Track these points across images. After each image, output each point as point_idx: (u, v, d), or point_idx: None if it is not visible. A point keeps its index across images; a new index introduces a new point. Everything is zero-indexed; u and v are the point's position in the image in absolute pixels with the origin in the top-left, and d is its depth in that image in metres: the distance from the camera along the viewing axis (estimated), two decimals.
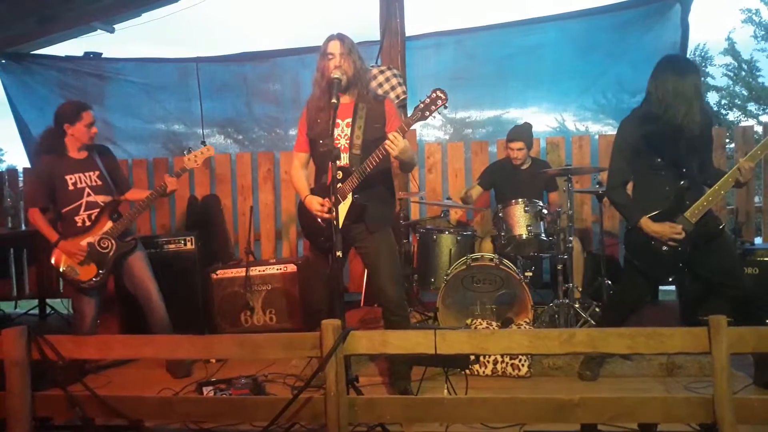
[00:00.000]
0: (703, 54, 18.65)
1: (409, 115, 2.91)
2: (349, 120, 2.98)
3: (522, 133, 4.51)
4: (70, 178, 3.62)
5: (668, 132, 2.94)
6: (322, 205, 2.95)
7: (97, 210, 3.63)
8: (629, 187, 3.22)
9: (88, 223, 3.62)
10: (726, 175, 2.94)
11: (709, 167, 3.11)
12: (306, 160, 3.19)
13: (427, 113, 2.80)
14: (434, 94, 2.80)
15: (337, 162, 2.79)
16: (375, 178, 2.96)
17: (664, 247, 3.01)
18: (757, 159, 2.88)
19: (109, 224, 3.63)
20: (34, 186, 3.69)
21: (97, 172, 3.69)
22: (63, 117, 3.62)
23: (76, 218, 3.62)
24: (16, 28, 5.94)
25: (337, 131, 2.93)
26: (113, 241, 3.61)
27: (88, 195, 3.64)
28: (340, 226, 2.74)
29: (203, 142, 3.78)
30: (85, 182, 3.64)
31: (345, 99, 2.96)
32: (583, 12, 5.35)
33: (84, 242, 3.58)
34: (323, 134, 2.99)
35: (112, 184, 3.74)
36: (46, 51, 6.29)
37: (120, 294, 4.26)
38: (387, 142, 2.78)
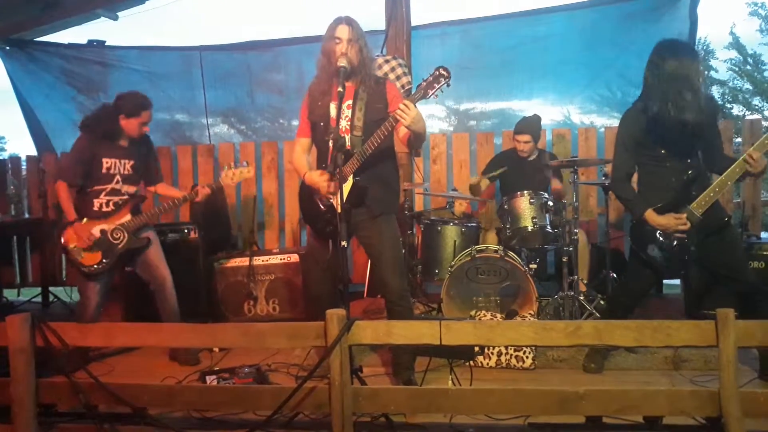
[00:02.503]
0: (705, 48, 18.57)
1: (412, 94, 2.84)
2: (350, 102, 2.94)
3: (529, 125, 4.47)
4: (107, 162, 3.61)
5: (669, 120, 2.89)
6: (322, 175, 2.90)
7: (118, 198, 3.63)
8: (635, 179, 3.20)
9: (105, 209, 3.61)
10: (733, 165, 2.89)
11: (719, 156, 3.06)
12: (308, 146, 3.14)
13: (430, 91, 2.72)
14: (437, 72, 2.70)
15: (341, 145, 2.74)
16: (377, 159, 2.90)
17: (670, 240, 2.99)
18: (765, 149, 2.83)
19: (128, 217, 3.62)
20: (72, 161, 3.64)
21: (132, 162, 3.68)
22: (122, 108, 3.58)
23: (96, 200, 3.60)
24: (20, 14, 5.92)
25: (337, 112, 2.89)
26: (126, 235, 3.60)
27: (117, 182, 3.63)
28: (340, 209, 2.70)
29: (246, 162, 3.76)
30: (119, 169, 3.64)
31: (348, 83, 2.92)
32: (590, 2, 5.30)
33: (97, 229, 3.57)
34: (324, 117, 2.96)
35: (141, 176, 3.74)
36: (50, 38, 6.27)
37: (123, 282, 4.26)
38: (398, 111, 2.67)
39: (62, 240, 3.57)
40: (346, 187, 2.87)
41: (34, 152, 6.22)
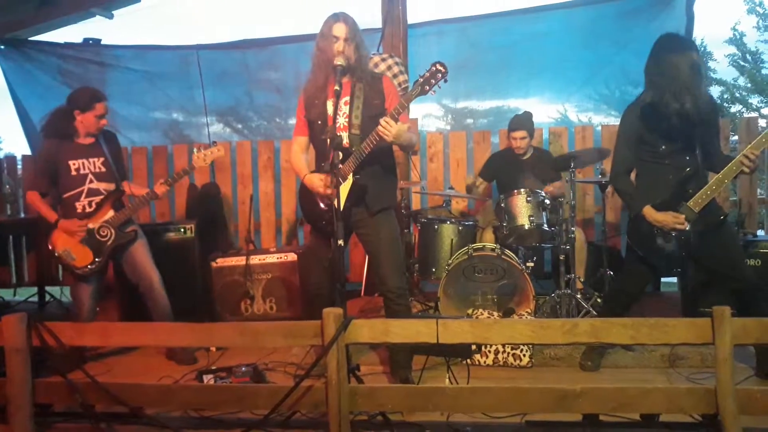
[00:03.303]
0: (703, 48, 18.58)
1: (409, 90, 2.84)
2: (347, 98, 2.93)
3: (524, 121, 4.48)
4: (74, 164, 3.59)
5: (670, 116, 2.91)
6: (323, 181, 2.90)
7: (99, 197, 3.61)
8: (632, 176, 3.20)
9: (88, 209, 3.60)
10: (730, 164, 2.90)
11: (717, 155, 3.07)
12: (306, 145, 3.14)
13: (427, 87, 2.72)
14: (433, 68, 2.70)
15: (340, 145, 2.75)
16: (375, 157, 2.90)
17: (667, 237, 2.99)
18: (762, 147, 2.84)
19: (111, 213, 3.60)
20: (38, 170, 3.66)
21: (101, 159, 3.65)
22: (75, 103, 3.56)
23: (77, 204, 3.59)
24: (14, 12, 5.89)
25: (335, 110, 2.89)
26: (113, 231, 3.59)
27: (91, 182, 3.61)
28: (341, 209, 2.71)
29: (214, 142, 3.74)
30: (89, 168, 3.61)
31: (344, 80, 2.91)
32: (587, 0, 5.30)
33: (83, 227, 3.56)
34: (321, 115, 2.96)
35: (116, 171, 3.71)
36: (45, 37, 6.24)
37: (119, 282, 4.25)
38: (379, 128, 2.72)
39: (50, 246, 3.56)
40: (347, 185, 2.87)
41: (29, 152, 6.21)
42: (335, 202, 2.67)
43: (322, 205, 2.98)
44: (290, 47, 5.78)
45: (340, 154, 2.76)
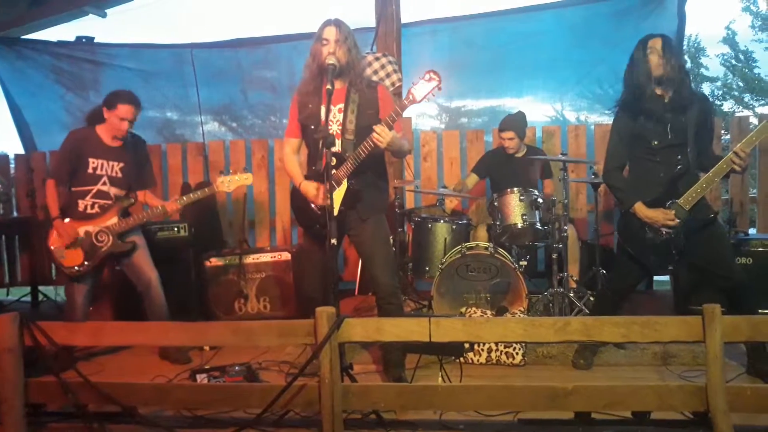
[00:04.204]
0: (696, 45, 18.67)
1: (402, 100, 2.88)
2: (341, 105, 2.95)
3: (513, 122, 4.47)
4: (93, 162, 3.57)
5: (648, 113, 2.98)
6: (318, 190, 2.93)
7: (105, 200, 3.60)
8: (625, 173, 3.22)
9: (90, 210, 3.59)
10: (720, 162, 2.92)
11: (709, 154, 3.09)
12: (297, 146, 3.16)
13: (420, 97, 2.78)
14: (427, 76, 2.77)
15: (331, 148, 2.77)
16: (368, 164, 2.93)
17: (657, 234, 3.01)
18: (752, 145, 2.86)
19: (115, 220, 3.58)
20: (60, 159, 3.64)
21: (121, 164, 3.63)
22: (105, 100, 3.56)
23: (80, 201, 3.58)
24: (7, 11, 5.86)
25: (327, 114, 2.91)
26: (111, 238, 3.57)
27: (103, 184, 3.60)
28: (336, 213, 2.73)
29: (246, 169, 3.66)
30: (106, 170, 3.60)
31: (337, 84, 2.92)
32: (580, 0, 5.32)
33: (81, 230, 3.55)
34: (314, 118, 2.97)
35: (132, 180, 3.69)
36: (38, 35, 6.22)
37: (113, 280, 4.25)
38: (374, 135, 2.77)
39: (48, 240, 3.56)
40: (341, 191, 2.90)
41: (22, 151, 6.18)
42: (328, 205, 2.69)
43: (316, 210, 2.99)
44: (284, 46, 5.78)
45: (334, 159, 2.78)
